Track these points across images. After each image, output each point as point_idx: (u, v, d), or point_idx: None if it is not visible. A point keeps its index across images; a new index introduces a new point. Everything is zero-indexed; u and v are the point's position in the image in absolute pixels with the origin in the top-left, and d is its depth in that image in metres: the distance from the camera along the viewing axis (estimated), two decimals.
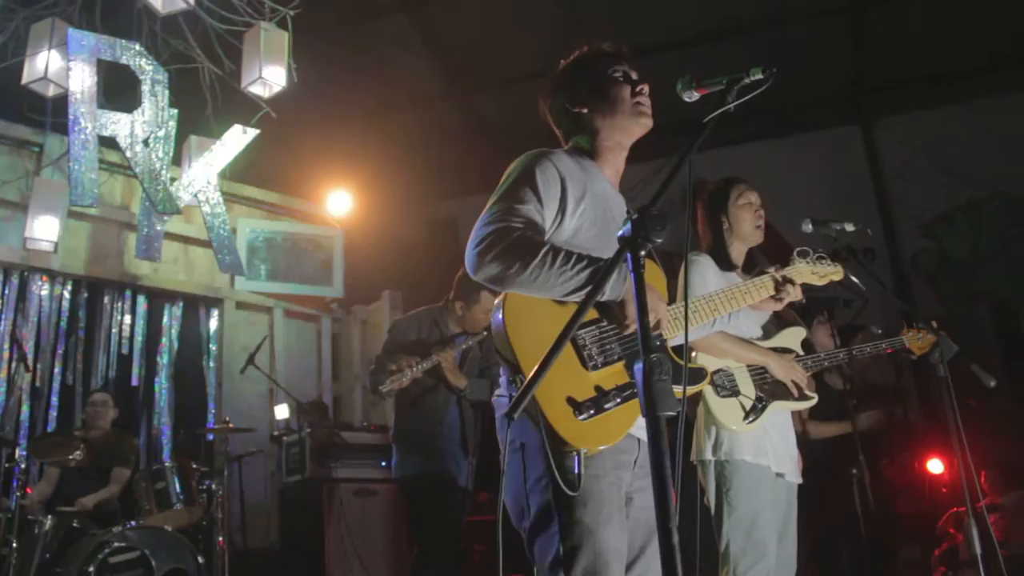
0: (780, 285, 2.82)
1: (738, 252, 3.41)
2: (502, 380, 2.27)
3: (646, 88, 2.44)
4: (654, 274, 2.34)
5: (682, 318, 2.38)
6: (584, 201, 2.28)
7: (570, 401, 2.07)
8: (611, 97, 2.41)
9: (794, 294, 2.84)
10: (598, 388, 2.13)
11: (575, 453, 2.04)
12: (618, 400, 2.12)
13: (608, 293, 2.10)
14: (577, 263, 2.07)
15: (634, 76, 2.45)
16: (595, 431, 2.08)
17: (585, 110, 2.45)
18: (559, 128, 2.56)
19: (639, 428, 2.19)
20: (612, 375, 2.16)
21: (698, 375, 2.47)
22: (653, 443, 1.52)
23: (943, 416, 3.29)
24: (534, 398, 2.04)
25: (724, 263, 3.34)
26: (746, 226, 3.39)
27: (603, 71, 2.45)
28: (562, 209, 2.25)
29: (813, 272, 2.96)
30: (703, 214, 3.50)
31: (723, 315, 2.65)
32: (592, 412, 2.08)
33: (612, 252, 2.25)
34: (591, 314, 2.18)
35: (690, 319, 2.39)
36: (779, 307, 2.92)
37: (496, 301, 2.20)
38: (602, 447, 2.09)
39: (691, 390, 2.39)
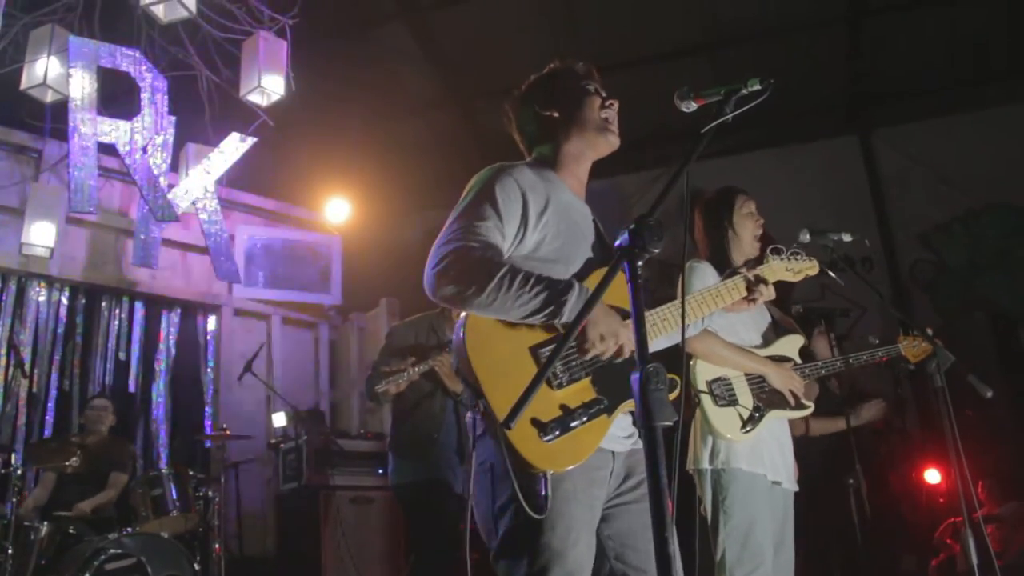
0: (752, 285, 2.69)
1: (737, 263, 3.41)
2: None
3: (615, 104, 2.46)
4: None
5: (663, 323, 2.35)
6: (547, 213, 2.27)
7: (534, 422, 2.03)
8: (581, 105, 2.44)
9: (767, 293, 2.71)
10: (563, 407, 2.09)
11: (542, 475, 2.01)
12: (584, 418, 2.09)
13: (566, 316, 2.07)
14: (534, 286, 2.07)
15: (603, 94, 2.47)
16: (561, 451, 2.05)
17: (556, 114, 2.46)
18: (523, 136, 2.57)
19: (611, 441, 2.18)
20: (577, 392, 2.13)
21: (672, 385, 2.32)
22: (649, 453, 1.52)
23: (940, 426, 3.29)
24: (495, 422, 2.01)
25: (724, 271, 3.34)
26: (747, 235, 3.42)
27: (576, 82, 2.48)
28: (524, 224, 2.24)
29: (788, 269, 2.88)
30: (701, 224, 3.50)
31: (696, 320, 2.60)
32: (557, 432, 2.04)
33: (578, 261, 2.28)
34: (553, 333, 2.15)
35: (660, 327, 2.34)
36: (752, 308, 2.81)
37: (458, 321, 2.17)
38: (570, 467, 2.06)
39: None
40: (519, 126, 2.57)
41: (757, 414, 3.13)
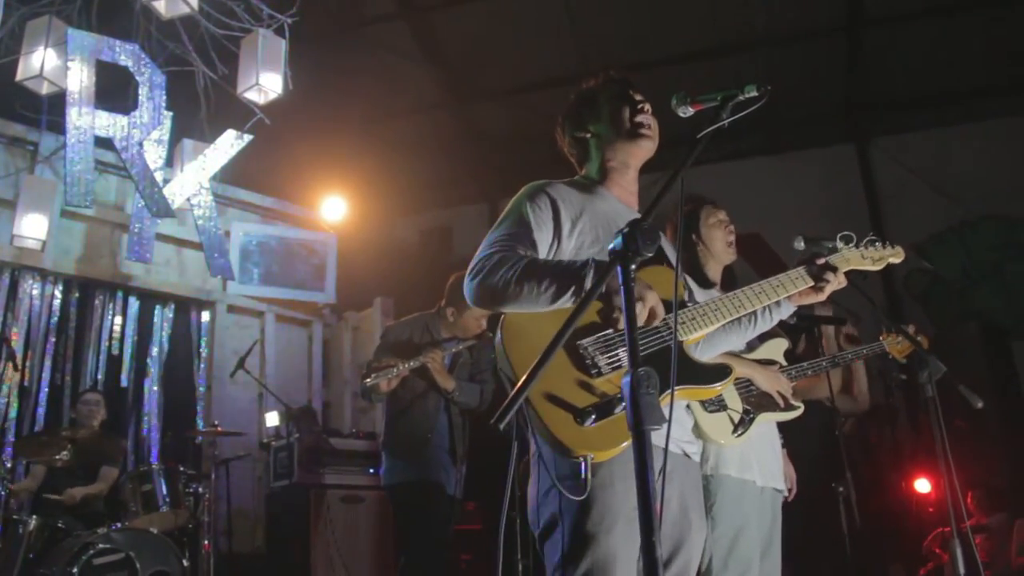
0: (818, 275, 2.56)
1: (714, 272, 3.43)
2: None
3: (647, 107, 2.47)
4: (664, 276, 2.33)
5: (699, 318, 2.36)
6: (581, 221, 2.34)
7: (570, 408, 2.07)
8: (611, 119, 2.48)
9: (836, 283, 2.56)
10: (603, 394, 2.12)
11: (581, 460, 2.04)
12: (624, 403, 2.11)
13: (593, 286, 2.08)
14: (555, 270, 2.14)
15: (637, 97, 2.49)
16: (600, 436, 2.07)
17: (588, 135, 2.53)
18: (573, 159, 2.63)
19: (662, 438, 2.14)
20: (619, 379, 2.10)
21: (720, 372, 2.33)
22: (638, 457, 1.52)
23: (931, 436, 3.29)
24: (533, 408, 2.07)
25: (703, 283, 3.35)
26: (718, 245, 3.42)
27: (605, 95, 2.53)
28: (557, 232, 2.32)
29: (865, 257, 2.69)
30: (672, 237, 3.49)
31: (761, 314, 2.57)
32: (595, 417, 2.07)
33: None
34: (593, 321, 2.16)
35: (708, 316, 2.36)
36: (822, 297, 2.61)
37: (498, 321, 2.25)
38: (612, 453, 2.08)
39: (716, 390, 2.32)
40: (566, 151, 2.63)
41: (747, 417, 3.12)
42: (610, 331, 2.18)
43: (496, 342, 2.21)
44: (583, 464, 2.04)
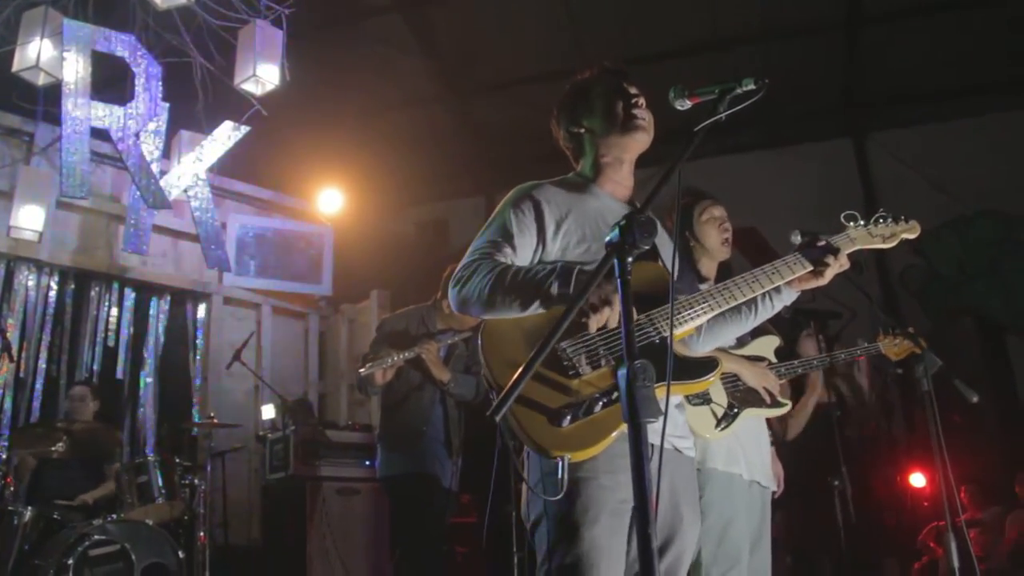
0: (818, 257, 2.42)
1: (708, 268, 3.40)
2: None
3: (641, 100, 2.45)
4: (656, 272, 2.33)
5: (684, 312, 2.33)
6: (567, 221, 2.34)
7: (545, 410, 2.08)
8: (605, 113, 2.45)
9: (836, 265, 2.43)
10: (578, 394, 2.11)
11: (558, 460, 2.05)
12: (603, 404, 2.10)
13: (554, 295, 2.12)
14: (524, 277, 2.17)
15: (631, 91, 2.46)
16: (577, 437, 2.07)
17: (582, 130, 2.50)
18: (568, 152, 2.60)
19: (652, 433, 2.16)
20: (598, 379, 2.14)
21: (707, 365, 2.27)
22: (634, 449, 1.52)
23: (926, 430, 3.30)
24: (511, 412, 2.07)
25: (696, 278, 3.34)
26: (712, 242, 3.38)
27: (599, 89, 2.49)
28: (541, 236, 2.33)
29: (874, 235, 2.60)
30: (672, 229, 3.48)
31: (761, 301, 2.51)
32: (569, 419, 2.07)
33: None
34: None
35: (696, 310, 2.32)
36: (823, 282, 2.47)
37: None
38: (591, 453, 2.08)
39: (707, 382, 2.28)
40: (561, 145, 2.61)
41: (732, 412, 3.11)
42: (588, 332, 2.15)
43: (480, 349, 2.24)
44: (560, 464, 2.05)
